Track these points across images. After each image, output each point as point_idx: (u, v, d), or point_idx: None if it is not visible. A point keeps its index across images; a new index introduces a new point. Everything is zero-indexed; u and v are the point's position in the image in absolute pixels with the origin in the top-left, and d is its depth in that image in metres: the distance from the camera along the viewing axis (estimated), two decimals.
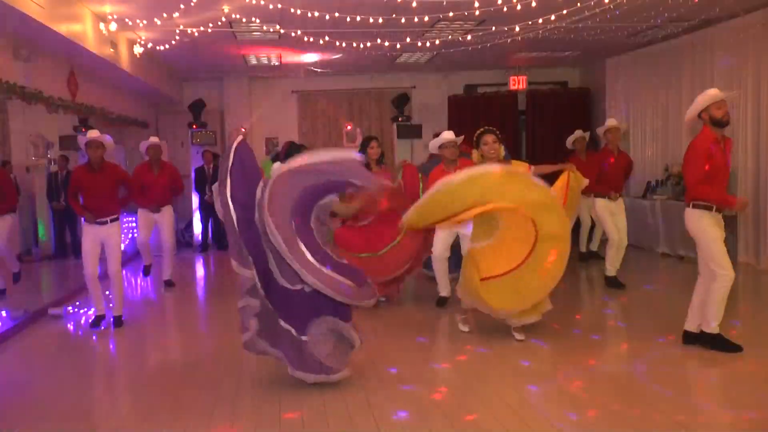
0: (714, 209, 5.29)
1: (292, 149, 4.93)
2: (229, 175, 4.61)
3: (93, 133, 6.80)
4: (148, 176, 8.57)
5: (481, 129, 6.22)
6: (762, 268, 8.86)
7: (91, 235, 6.77)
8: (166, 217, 8.79)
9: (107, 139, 6.84)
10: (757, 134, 9.02)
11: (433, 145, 7.14)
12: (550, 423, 4.13)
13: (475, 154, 6.27)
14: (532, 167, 6.14)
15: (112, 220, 6.84)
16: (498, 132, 6.14)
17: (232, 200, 4.61)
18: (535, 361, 5.43)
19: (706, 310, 5.38)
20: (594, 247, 9.99)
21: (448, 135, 6.99)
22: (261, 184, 4.66)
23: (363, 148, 7.37)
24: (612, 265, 7.99)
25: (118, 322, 6.87)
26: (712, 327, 5.37)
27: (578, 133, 9.93)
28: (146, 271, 9.02)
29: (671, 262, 9.78)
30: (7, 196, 8.09)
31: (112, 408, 4.86)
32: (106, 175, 6.83)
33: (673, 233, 9.97)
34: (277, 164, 4.90)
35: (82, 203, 6.85)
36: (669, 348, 5.59)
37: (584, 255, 9.97)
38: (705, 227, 5.30)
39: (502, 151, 6.15)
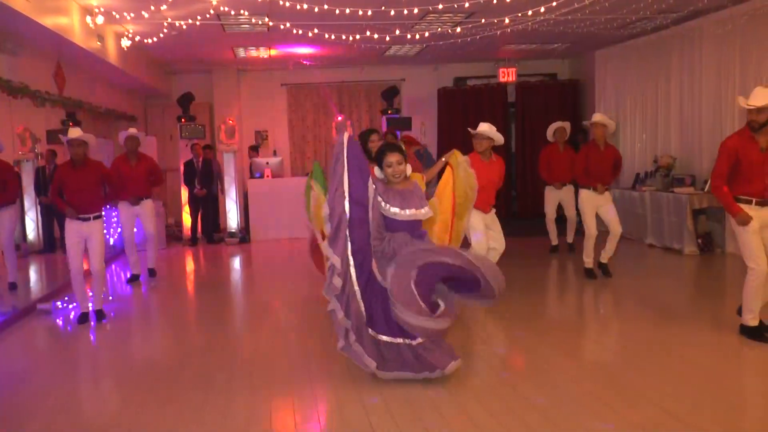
0: (753, 203, 5.34)
1: (378, 155, 4.90)
2: (346, 172, 4.58)
3: (74, 132, 6.77)
4: (125, 167, 8.60)
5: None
6: None
7: (74, 231, 6.76)
8: (146, 209, 8.83)
9: (89, 138, 6.83)
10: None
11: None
12: (545, 416, 4.16)
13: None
14: (424, 176, 6.15)
15: (95, 217, 6.82)
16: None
17: (349, 198, 4.58)
18: (526, 355, 5.46)
19: (742, 302, 5.47)
20: (570, 239, 9.99)
21: (481, 127, 6.96)
22: (370, 182, 4.67)
23: (364, 142, 7.28)
24: (588, 256, 8.08)
25: (99, 315, 6.88)
26: (746, 319, 5.45)
27: (557, 124, 9.93)
28: (132, 279, 8.91)
29: (658, 253, 9.84)
30: (9, 188, 8.06)
31: (103, 403, 4.84)
32: (89, 172, 6.81)
33: (661, 225, 10.02)
34: (377, 167, 4.86)
35: (65, 200, 6.84)
36: (658, 337, 5.64)
37: (554, 247, 10.00)
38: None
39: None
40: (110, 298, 7.14)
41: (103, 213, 7.05)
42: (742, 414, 4.13)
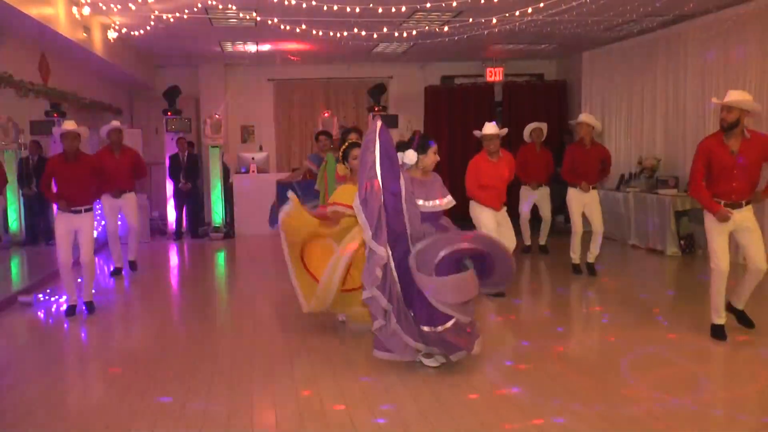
0: (723, 204, 5.46)
1: (423, 140, 5.07)
2: (378, 162, 4.66)
3: (69, 125, 6.82)
4: (108, 160, 8.55)
5: (348, 143, 6.06)
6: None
7: (64, 224, 6.76)
8: (129, 202, 8.82)
9: (83, 130, 6.87)
10: None
11: (479, 135, 7.23)
12: (524, 414, 4.19)
13: (341, 167, 6.26)
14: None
15: (86, 210, 6.85)
16: None
17: (383, 187, 4.66)
18: (506, 351, 5.50)
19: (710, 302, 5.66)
20: (542, 241, 10.03)
21: (488, 129, 7.03)
22: (401, 172, 4.79)
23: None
24: (575, 252, 8.33)
25: (90, 308, 6.89)
26: (713, 317, 5.63)
27: (534, 124, 9.99)
28: (115, 272, 8.87)
29: (641, 253, 9.91)
30: None
31: (83, 396, 4.82)
32: (81, 165, 6.84)
33: (645, 225, 10.10)
34: (410, 151, 4.99)
35: (55, 191, 6.82)
36: (639, 337, 5.70)
37: (527, 248, 10.03)
38: (708, 221, 5.56)
39: None
40: (93, 291, 7.10)
41: (93, 206, 7.05)
42: (715, 413, 4.18)
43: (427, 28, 10.05)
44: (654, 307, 6.72)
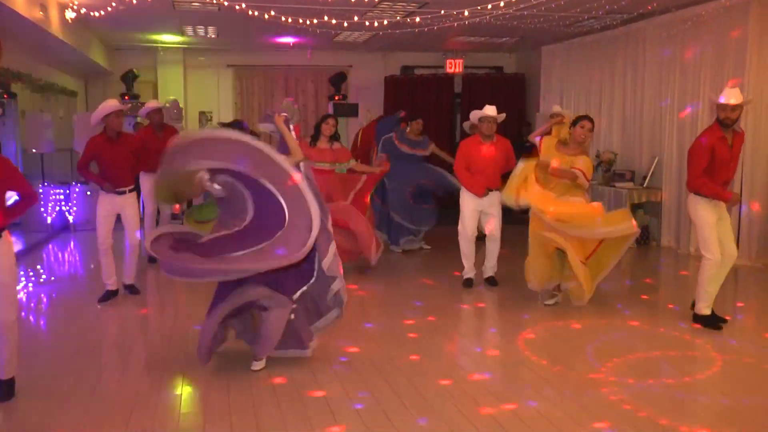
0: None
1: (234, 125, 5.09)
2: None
3: (112, 102, 6.64)
4: (153, 141, 8.05)
5: (584, 115, 6.50)
6: (682, 252, 9.35)
7: (107, 205, 6.66)
8: None
9: (123, 106, 6.84)
10: (682, 126, 9.44)
11: (474, 116, 7.34)
12: (498, 399, 4.28)
13: (562, 129, 6.65)
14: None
15: (130, 190, 6.77)
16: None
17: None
18: (460, 339, 5.60)
19: (696, 292, 5.82)
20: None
21: (489, 110, 7.13)
22: None
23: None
24: None
25: (134, 290, 6.92)
26: (699, 308, 5.80)
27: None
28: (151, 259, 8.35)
29: None
30: None
31: (53, 387, 4.72)
32: (124, 144, 6.72)
33: None
34: None
35: (98, 173, 6.69)
36: (596, 326, 5.87)
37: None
38: (700, 213, 5.69)
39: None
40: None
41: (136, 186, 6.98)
42: (677, 395, 4.36)
43: (398, 18, 9.99)
44: (614, 297, 6.92)
